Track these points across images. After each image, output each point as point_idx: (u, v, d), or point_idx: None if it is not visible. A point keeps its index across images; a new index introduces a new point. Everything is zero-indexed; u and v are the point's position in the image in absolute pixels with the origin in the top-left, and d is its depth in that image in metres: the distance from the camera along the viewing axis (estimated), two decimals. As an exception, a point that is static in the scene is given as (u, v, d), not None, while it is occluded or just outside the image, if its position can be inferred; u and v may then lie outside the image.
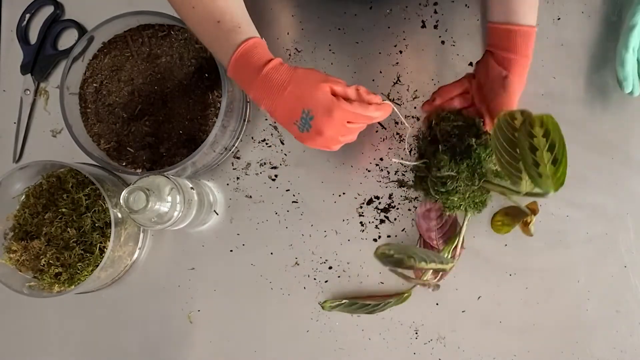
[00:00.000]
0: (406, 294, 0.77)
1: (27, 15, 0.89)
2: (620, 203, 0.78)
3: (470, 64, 0.81)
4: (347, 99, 0.63)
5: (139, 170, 0.79)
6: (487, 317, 0.77)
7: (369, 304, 0.77)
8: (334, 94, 0.62)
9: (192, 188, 0.75)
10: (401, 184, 0.80)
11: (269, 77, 0.62)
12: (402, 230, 0.80)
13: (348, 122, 0.62)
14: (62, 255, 0.78)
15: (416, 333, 0.78)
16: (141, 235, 0.83)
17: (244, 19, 0.65)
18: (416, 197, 0.80)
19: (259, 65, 0.62)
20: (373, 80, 0.82)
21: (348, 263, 0.80)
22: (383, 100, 0.65)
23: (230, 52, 0.63)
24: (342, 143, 0.65)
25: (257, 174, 0.83)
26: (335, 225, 0.81)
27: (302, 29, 0.84)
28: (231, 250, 0.82)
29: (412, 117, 0.81)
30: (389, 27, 0.83)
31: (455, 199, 0.73)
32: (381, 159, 0.81)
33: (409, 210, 0.80)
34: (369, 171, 0.81)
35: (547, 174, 0.58)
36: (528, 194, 0.65)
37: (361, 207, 0.81)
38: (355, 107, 0.62)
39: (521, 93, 0.72)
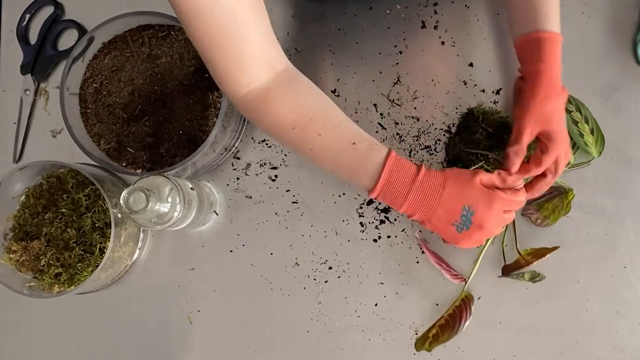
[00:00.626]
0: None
1: (27, 16, 0.89)
2: (620, 203, 0.78)
3: (471, 64, 0.81)
4: (495, 187, 0.63)
5: (139, 171, 0.79)
6: (487, 317, 0.77)
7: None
8: (483, 185, 0.63)
9: (192, 188, 0.75)
10: None
11: (424, 185, 0.62)
12: (402, 230, 0.80)
13: (504, 210, 0.63)
14: (62, 256, 0.78)
15: (416, 333, 0.78)
16: (141, 235, 0.83)
17: (367, 133, 0.64)
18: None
19: (410, 177, 0.62)
20: (373, 80, 0.82)
21: (348, 263, 0.80)
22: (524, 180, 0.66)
23: (376, 172, 0.62)
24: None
25: (257, 174, 0.83)
26: (335, 225, 0.81)
27: (302, 29, 0.84)
28: (231, 251, 0.82)
29: (412, 117, 0.81)
30: (389, 27, 0.83)
31: None
32: (381, 159, 0.81)
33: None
34: (369, 171, 0.81)
35: (590, 142, 0.75)
36: (573, 166, 0.76)
37: (361, 208, 0.81)
38: (509, 195, 0.63)
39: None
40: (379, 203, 0.80)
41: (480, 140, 0.73)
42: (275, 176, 0.83)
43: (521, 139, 0.66)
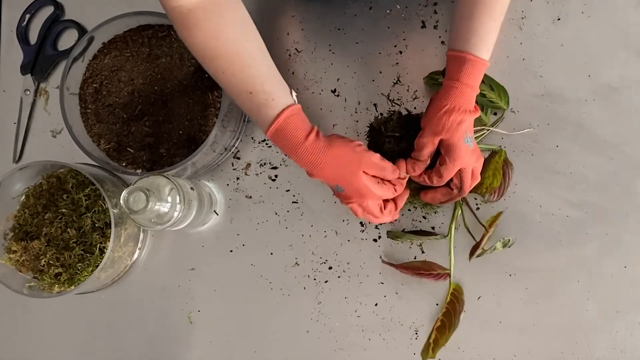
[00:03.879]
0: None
1: (27, 16, 0.89)
2: (620, 203, 0.78)
3: (470, 64, 0.81)
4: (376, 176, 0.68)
5: (139, 171, 0.79)
6: (487, 317, 0.77)
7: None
8: (368, 173, 0.68)
9: (192, 188, 0.75)
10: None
11: (305, 156, 0.66)
12: (402, 230, 0.80)
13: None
14: (62, 256, 0.78)
15: (416, 333, 0.78)
16: (141, 235, 0.83)
17: (275, 85, 0.66)
18: (416, 197, 0.80)
19: (294, 142, 0.65)
20: (373, 80, 0.82)
21: (348, 263, 0.80)
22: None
23: (266, 125, 0.66)
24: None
25: (257, 174, 0.83)
26: (335, 225, 0.81)
27: (302, 29, 0.84)
28: (231, 251, 0.82)
29: (412, 117, 0.81)
30: (389, 27, 0.83)
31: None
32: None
33: (409, 210, 0.80)
34: (369, 171, 0.81)
35: (494, 97, 0.77)
36: (492, 125, 0.79)
37: (361, 207, 0.81)
38: (383, 191, 0.68)
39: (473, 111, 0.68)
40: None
41: (392, 149, 0.72)
42: (275, 176, 0.83)
43: (421, 148, 0.69)
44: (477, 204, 0.79)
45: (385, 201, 0.71)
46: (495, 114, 0.79)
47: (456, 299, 0.76)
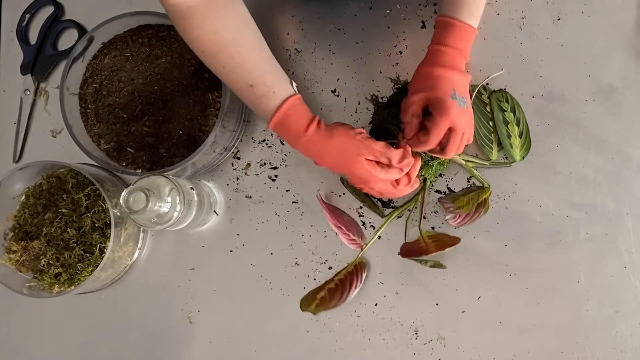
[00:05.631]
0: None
1: (27, 16, 0.89)
2: (620, 203, 0.78)
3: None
4: (379, 163, 0.68)
5: (139, 171, 0.79)
6: (487, 317, 0.77)
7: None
8: (368, 159, 0.67)
9: (192, 188, 0.75)
10: None
11: (308, 146, 0.67)
12: (403, 231, 0.80)
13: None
14: (62, 256, 0.78)
15: (416, 333, 0.78)
16: (141, 235, 0.83)
17: (275, 76, 0.67)
18: (416, 197, 0.80)
19: (296, 134, 0.66)
20: (373, 80, 0.82)
21: (348, 263, 0.80)
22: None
23: (267, 117, 0.67)
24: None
25: (257, 174, 0.83)
26: (335, 225, 0.81)
27: (302, 29, 0.84)
28: (231, 251, 0.82)
29: (412, 117, 0.81)
30: (389, 27, 0.83)
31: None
32: (381, 159, 0.81)
33: (409, 210, 0.80)
34: (369, 171, 0.81)
35: (516, 145, 0.76)
36: (494, 164, 0.78)
37: (361, 208, 0.81)
38: (389, 174, 0.67)
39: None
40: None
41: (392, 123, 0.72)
42: (275, 176, 0.83)
43: (405, 109, 0.69)
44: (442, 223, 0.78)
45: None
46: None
47: (357, 272, 0.77)
